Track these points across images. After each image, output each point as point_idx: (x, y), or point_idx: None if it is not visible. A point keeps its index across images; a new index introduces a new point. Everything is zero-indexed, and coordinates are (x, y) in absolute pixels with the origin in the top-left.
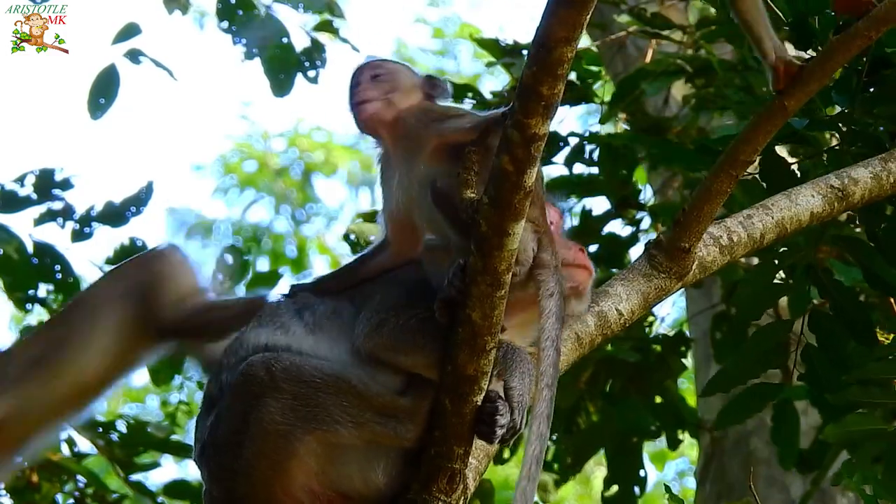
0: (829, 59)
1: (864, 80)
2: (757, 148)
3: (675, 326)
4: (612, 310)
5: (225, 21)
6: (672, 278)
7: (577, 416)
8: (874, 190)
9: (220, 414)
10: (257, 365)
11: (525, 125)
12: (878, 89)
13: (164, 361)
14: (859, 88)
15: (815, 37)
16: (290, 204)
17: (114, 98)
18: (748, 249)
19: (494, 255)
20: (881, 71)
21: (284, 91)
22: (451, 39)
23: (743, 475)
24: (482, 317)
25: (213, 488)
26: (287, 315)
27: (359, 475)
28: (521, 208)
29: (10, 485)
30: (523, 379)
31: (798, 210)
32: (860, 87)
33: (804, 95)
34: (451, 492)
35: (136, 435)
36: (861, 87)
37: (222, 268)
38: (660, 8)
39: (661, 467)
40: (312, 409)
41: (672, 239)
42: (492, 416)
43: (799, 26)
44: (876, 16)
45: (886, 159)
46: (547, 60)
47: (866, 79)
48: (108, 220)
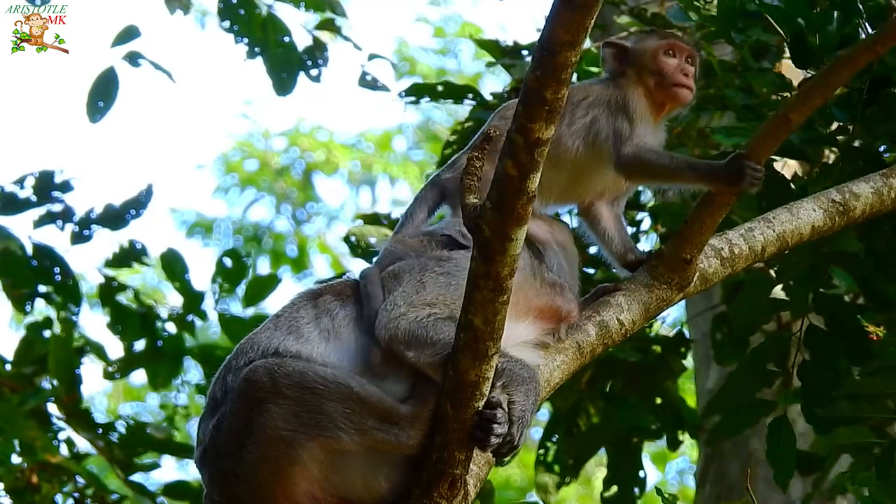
0: (835, 73)
1: (864, 97)
2: (760, 160)
3: (674, 326)
4: (613, 319)
5: (226, 20)
6: (673, 289)
7: (578, 417)
8: (875, 205)
9: (222, 417)
10: (260, 370)
11: (529, 129)
12: (879, 107)
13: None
14: (860, 106)
15: (814, 55)
16: (291, 203)
17: (113, 101)
18: (749, 262)
19: (497, 259)
20: (882, 89)
21: (287, 90)
22: (452, 39)
23: (743, 476)
24: (484, 322)
25: (214, 492)
26: (304, 320)
27: (361, 481)
28: (524, 213)
29: (10, 485)
30: (528, 396)
31: (799, 224)
32: (861, 104)
33: (808, 109)
34: (452, 497)
35: (135, 436)
36: (862, 105)
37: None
38: (660, 8)
39: (662, 468)
40: (315, 416)
41: (674, 250)
42: (489, 422)
43: (797, 45)
44: (885, 30)
45: (888, 175)
46: (551, 64)
47: (867, 97)
48: (107, 222)
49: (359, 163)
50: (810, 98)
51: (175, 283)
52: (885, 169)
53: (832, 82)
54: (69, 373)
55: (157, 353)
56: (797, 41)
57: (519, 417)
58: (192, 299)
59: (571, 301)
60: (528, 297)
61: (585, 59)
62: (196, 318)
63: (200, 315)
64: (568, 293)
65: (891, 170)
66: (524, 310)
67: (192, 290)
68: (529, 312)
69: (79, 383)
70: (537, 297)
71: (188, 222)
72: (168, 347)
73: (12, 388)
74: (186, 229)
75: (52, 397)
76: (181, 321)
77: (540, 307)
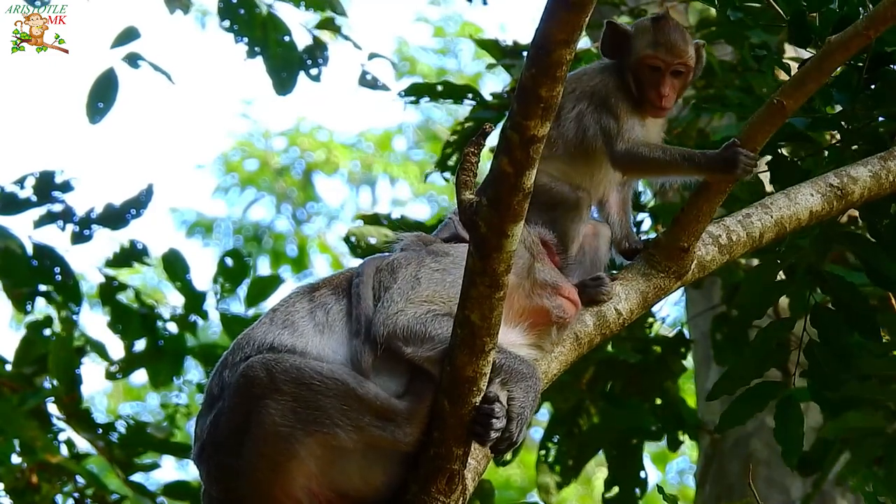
0: (828, 59)
1: (864, 77)
2: (756, 147)
3: (674, 326)
4: (610, 310)
5: (226, 20)
6: (671, 277)
7: (579, 418)
8: (873, 188)
9: (220, 413)
10: (257, 366)
11: (524, 127)
12: (879, 87)
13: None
14: (860, 86)
15: (814, 34)
16: (291, 203)
17: (112, 102)
18: (747, 248)
19: (493, 256)
20: (881, 68)
21: (287, 90)
22: (452, 38)
23: (742, 476)
24: (481, 318)
25: (211, 488)
26: (300, 314)
27: (358, 476)
28: (520, 210)
29: (10, 485)
30: (527, 392)
31: (797, 209)
32: (860, 84)
33: (802, 95)
34: (449, 493)
35: (135, 435)
36: (861, 85)
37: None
38: (660, 9)
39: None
40: (312, 412)
41: (671, 238)
42: (488, 417)
43: (797, 24)
44: (875, 14)
45: (886, 158)
46: (545, 62)
47: (866, 76)
48: (107, 222)
49: (359, 163)
50: (804, 84)
51: (176, 282)
52: (884, 152)
53: (825, 68)
54: (69, 373)
55: (158, 352)
56: (797, 20)
57: (518, 414)
58: (193, 299)
59: (565, 301)
60: (519, 300)
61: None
62: (197, 318)
63: (202, 315)
64: (566, 289)
65: (889, 153)
66: (518, 313)
67: (194, 290)
68: (522, 316)
69: (79, 383)
70: (528, 300)
71: (188, 222)
72: (169, 347)
73: (12, 388)
74: (186, 229)
75: (52, 397)
76: (182, 321)
77: (532, 310)
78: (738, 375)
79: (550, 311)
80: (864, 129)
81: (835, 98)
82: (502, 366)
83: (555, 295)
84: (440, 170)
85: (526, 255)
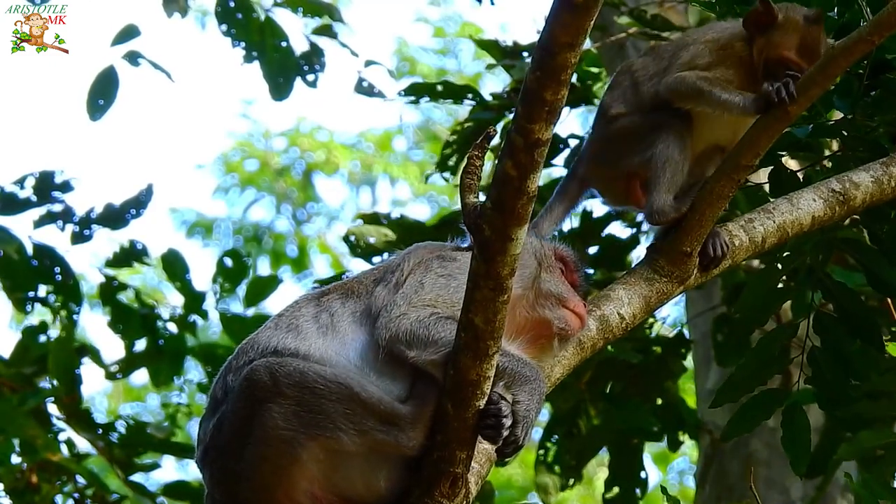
0: (832, 64)
1: (864, 84)
2: (759, 152)
3: (674, 327)
4: (613, 314)
5: (224, 24)
6: (674, 282)
7: (579, 418)
8: (875, 194)
9: (223, 417)
10: (261, 370)
11: (528, 130)
12: (879, 93)
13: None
14: (860, 93)
15: None
16: (291, 203)
17: (113, 99)
18: (750, 253)
19: (497, 259)
20: (882, 75)
21: (283, 95)
22: (452, 39)
23: (742, 477)
24: (485, 321)
25: (215, 491)
26: (305, 318)
27: (361, 480)
28: (524, 213)
29: (9, 485)
30: (532, 395)
31: (799, 214)
32: (861, 91)
33: (806, 101)
34: (453, 496)
35: (135, 436)
36: (862, 92)
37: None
38: (659, 10)
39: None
40: (316, 416)
41: (674, 243)
42: (497, 416)
43: None
44: (880, 20)
45: (888, 163)
46: (550, 65)
47: (867, 83)
48: (107, 222)
49: (359, 163)
50: (808, 90)
51: (176, 283)
52: (885, 158)
53: (829, 73)
54: (69, 373)
55: (158, 352)
56: None
57: (523, 417)
58: (193, 299)
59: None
60: (521, 313)
61: (585, 59)
62: (197, 318)
63: (202, 315)
64: (572, 302)
65: (890, 158)
66: (519, 326)
67: (193, 290)
68: (523, 329)
69: (79, 383)
70: (531, 311)
71: (188, 222)
72: (169, 347)
73: (12, 388)
74: (186, 229)
75: (52, 397)
76: (182, 321)
77: (534, 321)
78: (742, 383)
79: (552, 323)
80: (866, 137)
81: (835, 104)
82: (506, 369)
83: (558, 306)
84: (440, 170)
85: (533, 264)
